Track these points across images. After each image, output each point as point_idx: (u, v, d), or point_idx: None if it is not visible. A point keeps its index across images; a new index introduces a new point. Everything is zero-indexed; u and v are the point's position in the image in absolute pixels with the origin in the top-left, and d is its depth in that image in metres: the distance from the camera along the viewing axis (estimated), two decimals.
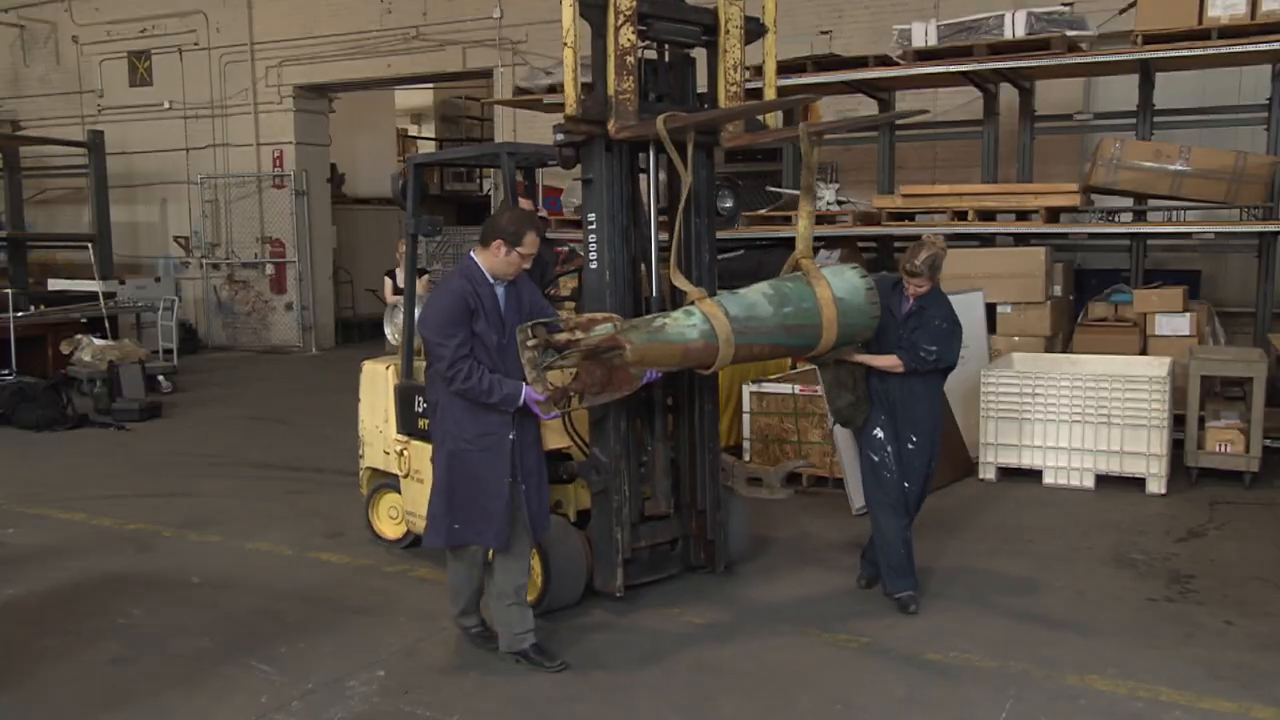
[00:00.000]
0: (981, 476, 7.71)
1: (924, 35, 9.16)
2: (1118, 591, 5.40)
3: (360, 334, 17.95)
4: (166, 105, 17.18)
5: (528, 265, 4.44)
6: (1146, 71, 9.07)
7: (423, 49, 15.16)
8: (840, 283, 4.82)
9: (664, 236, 5.15)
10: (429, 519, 4.51)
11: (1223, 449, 7.43)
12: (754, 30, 5.28)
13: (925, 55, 9.21)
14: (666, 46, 5.24)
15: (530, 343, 4.21)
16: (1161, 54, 8.38)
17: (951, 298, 5.26)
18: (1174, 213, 9.61)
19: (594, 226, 4.99)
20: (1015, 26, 8.81)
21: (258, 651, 4.72)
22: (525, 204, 6.11)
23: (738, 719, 4.11)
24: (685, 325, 4.49)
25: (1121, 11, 8.90)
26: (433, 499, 4.48)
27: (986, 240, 9.54)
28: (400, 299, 9.71)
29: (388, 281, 9.85)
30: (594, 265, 5.01)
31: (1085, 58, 8.75)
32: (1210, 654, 4.60)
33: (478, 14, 14.57)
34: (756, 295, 4.70)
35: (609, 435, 5.00)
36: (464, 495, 4.37)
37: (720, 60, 5.21)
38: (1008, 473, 7.72)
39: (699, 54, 5.32)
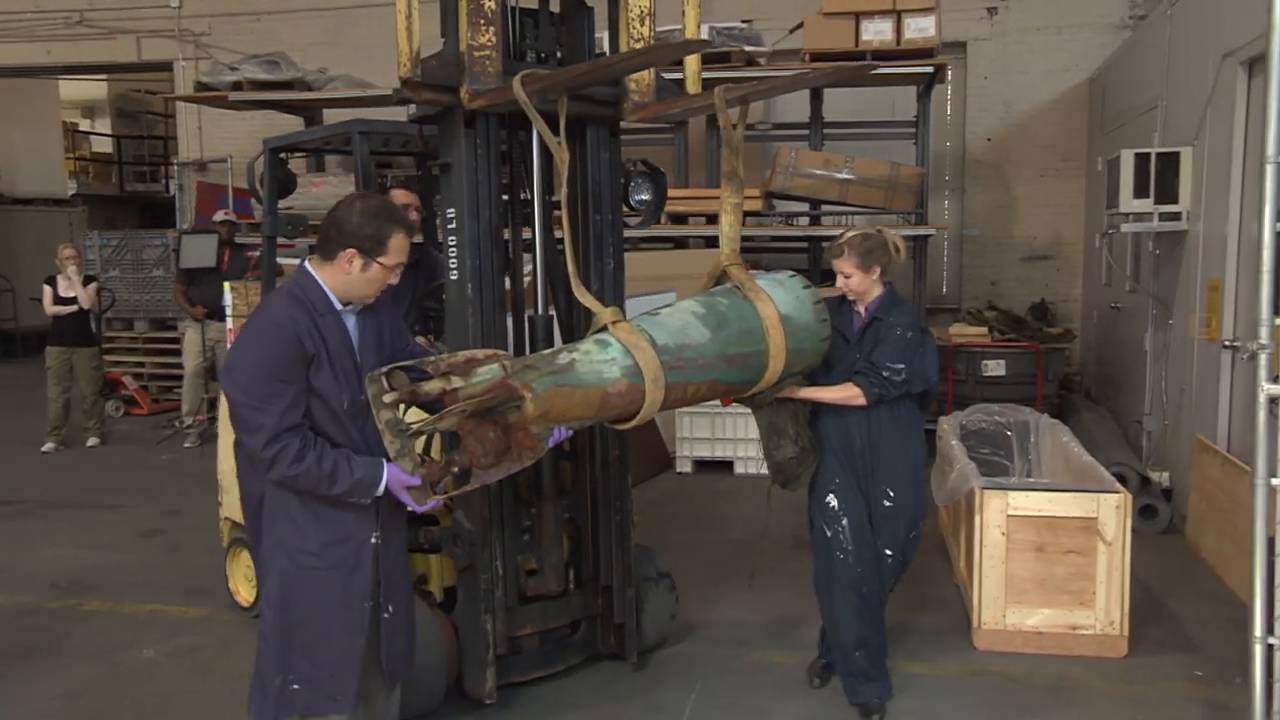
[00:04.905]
0: (679, 470, 8.08)
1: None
2: (798, 570, 5.75)
3: (25, 347, 16.14)
4: None
5: (395, 280, 3.04)
6: (815, 87, 9.83)
7: (89, 36, 13.87)
8: (783, 296, 3.77)
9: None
10: (254, 677, 3.04)
11: None
12: None
13: None
14: None
15: (387, 397, 2.91)
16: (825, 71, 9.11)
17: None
18: (844, 217, 10.49)
19: (453, 225, 3.86)
20: None
21: None
22: (401, 195, 4.81)
23: None
24: (601, 361, 3.25)
25: (792, 30, 9.58)
26: (259, 645, 3.02)
27: (680, 242, 9.99)
28: (60, 308, 8.97)
29: (48, 290, 9.06)
30: (454, 275, 3.89)
31: (761, 71, 9.36)
32: None
33: (153, 1, 13.53)
34: (685, 316, 3.59)
35: (474, 494, 3.78)
36: (304, 640, 2.98)
37: (621, 8, 4.07)
38: (702, 465, 8.18)
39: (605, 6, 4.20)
